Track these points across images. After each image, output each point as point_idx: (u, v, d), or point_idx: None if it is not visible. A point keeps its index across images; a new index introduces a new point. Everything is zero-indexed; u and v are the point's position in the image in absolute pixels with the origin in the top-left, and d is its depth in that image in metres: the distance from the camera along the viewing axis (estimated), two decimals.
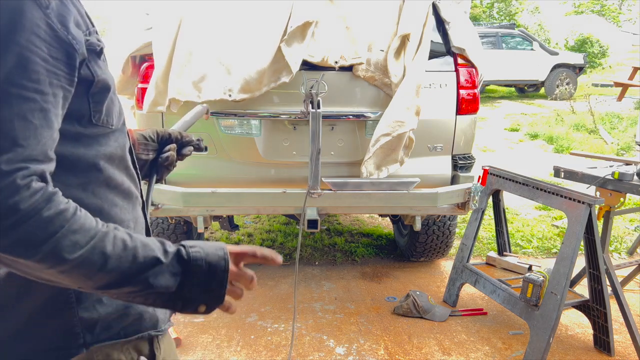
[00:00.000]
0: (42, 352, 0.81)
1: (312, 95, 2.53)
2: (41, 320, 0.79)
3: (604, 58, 20.74)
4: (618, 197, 2.66)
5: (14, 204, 0.61)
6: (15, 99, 0.63)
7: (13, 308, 0.79)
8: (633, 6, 37.13)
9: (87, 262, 0.66)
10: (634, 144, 7.67)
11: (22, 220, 0.62)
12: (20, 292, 0.78)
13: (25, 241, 0.62)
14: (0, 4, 0.63)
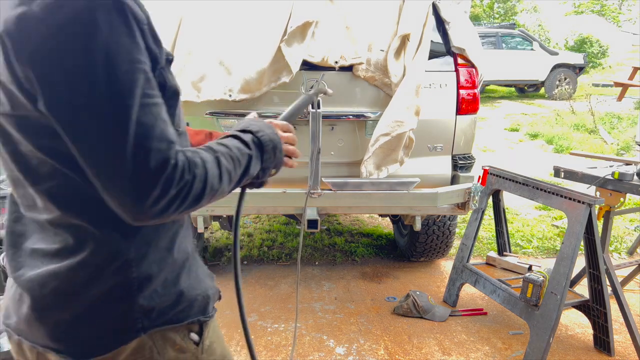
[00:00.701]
0: (103, 335, 0.88)
1: None
2: (104, 306, 0.87)
3: (604, 58, 20.74)
4: (618, 197, 2.66)
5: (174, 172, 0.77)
6: (152, 107, 0.76)
7: (80, 294, 0.85)
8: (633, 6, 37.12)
9: (224, 180, 0.88)
10: (634, 144, 7.67)
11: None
12: (89, 280, 0.85)
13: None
14: (99, 25, 0.71)
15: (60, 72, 0.71)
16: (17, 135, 0.80)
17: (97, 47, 0.71)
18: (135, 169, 0.73)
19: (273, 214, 4.56)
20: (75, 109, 0.72)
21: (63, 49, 0.70)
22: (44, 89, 0.72)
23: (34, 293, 0.88)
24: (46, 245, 0.87)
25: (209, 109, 2.62)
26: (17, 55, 0.72)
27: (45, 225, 0.87)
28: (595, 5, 35.66)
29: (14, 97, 0.76)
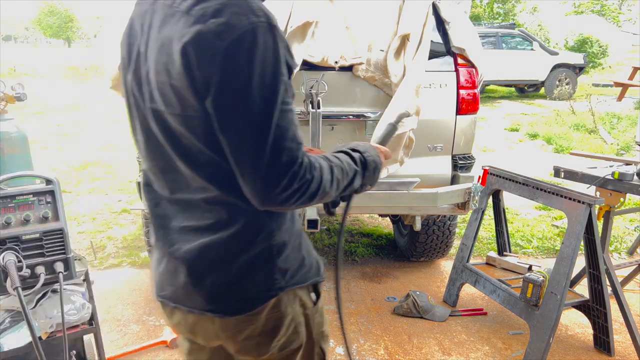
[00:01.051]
0: (251, 294, 1.04)
1: (312, 95, 2.53)
2: (252, 269, 1.03)
3: (604, 58, 20.73)
4: (618, 197, 2.66)
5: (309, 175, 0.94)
6: (288, 113, 0.91)
7: (231, 261, 1.02)
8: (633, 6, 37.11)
9: (333, 186, 1.02)
10: (634, 144, 7.67)
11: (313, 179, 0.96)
12: (239, 249, 1.02)
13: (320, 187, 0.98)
14: (259, 42, 0.87)
15: (229, 78, 0.87)
16: (183, 131, 0.96)
17: (256, 60, 0.87)
18: (270, 162, 0.89)
19: None
20: (233, 109, 0.89)
21: (232, 60, 0.86)
22: (215, 91, 0.88)
23: (191, 263, 1.04)
24: (196, 222, 1.04)
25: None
26: (199, 63, 0.87)
27: (199, 203, 1.03)
28: (595, 5, 35.65)
29: (185, 100, 0.92)
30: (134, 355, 2.60)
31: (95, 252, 4.00)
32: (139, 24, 1.03)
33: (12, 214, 1.74)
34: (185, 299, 1.07)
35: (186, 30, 0.88)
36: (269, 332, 1.09)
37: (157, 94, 0.97)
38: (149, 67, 0.98)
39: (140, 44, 1.01)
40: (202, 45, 0.86)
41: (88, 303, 1.98)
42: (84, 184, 6.04)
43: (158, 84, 0.96)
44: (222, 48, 0.86)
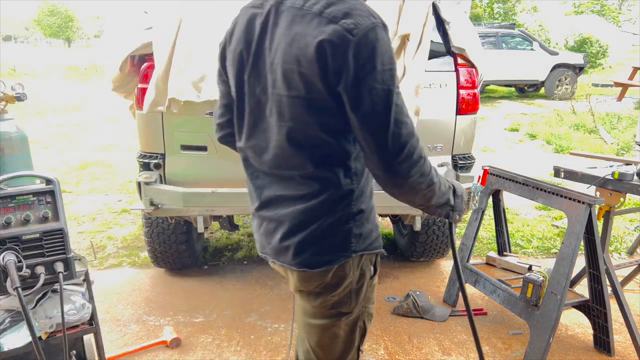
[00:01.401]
0: (330, 253, 1.23)
1: None
2: (333, 231, 1.23)
3: (604, 58, 20.73)
4: (618, 197, 2.65)
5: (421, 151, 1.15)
6: (400, 94, 1.12)
7: (317, 224, 1.22)
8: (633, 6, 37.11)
9: (436, 181, 1.22)
10: (634, 144, 7.67)
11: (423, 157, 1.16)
12: (325, 214, 1.22)
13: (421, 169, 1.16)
14: (379, 37, 1.10)
15: (359, 65, 1.07)
16: (302, 111, 1.15)
17: (378, 51, 1.08)
18: (393, 134, 1.09)
19: None
20: (363, 90, 1.08)
21: (361, 51, 1.07)
22: (347, 76, 1.08)
23: (285, 225, 1.25)
24: (290, 192, 1.25)
25: (209, 109, 2.62)
26: (333, 54, 1.07)
27: (295, 177, 1.23)
28: (595, 5, 35.65)
29: (311, 85, 1.11)
30: (134, 355, 2.60)
31: (95, 252, 4.00)
32: (259, 24, 1.22)
33: (12, 214, 1.74)
34: (278, 254, 1.30)
35: (322, 28, 1.08)
36: (330, 287, 1.27)
37: (280, 80, 1.15)
38: (274, 58, 1.17)
39: (262, 40, 1.21)
40: (337, 40, 1.07)
41: (88, 303, 1.98)
42: (84, 184, 6.04)
43: (284, 72, 1.14)
44: (353, 42, 1.07)
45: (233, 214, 3.15)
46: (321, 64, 1.08)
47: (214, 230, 4.51)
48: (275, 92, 1.18)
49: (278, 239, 1.28)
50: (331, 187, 1.22)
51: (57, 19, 48.23)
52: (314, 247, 1.23)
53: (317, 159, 1.20)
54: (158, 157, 2.76)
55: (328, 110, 1.14)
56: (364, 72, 1.08)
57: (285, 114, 1.18)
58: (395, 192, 1.22)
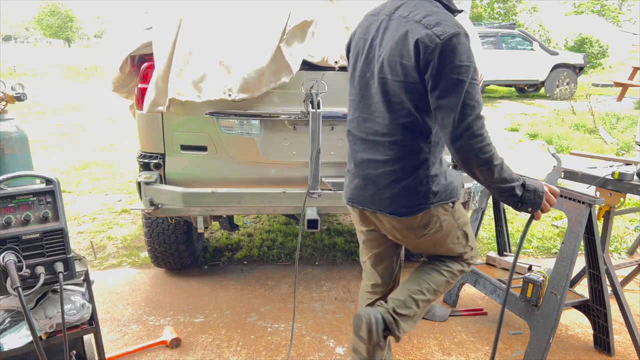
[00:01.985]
0: (413, 204, 1.69)
1: (312, 95, 2.53)
2: (415, 188, 1.67)
3: (604, 58, 20.73)
4: (618, 197, 2.65)
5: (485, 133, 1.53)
6: (474, 85, 1.50)
7: (402, 182, 1.67)
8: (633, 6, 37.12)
9: (498, 165, 1.56)
10: (634, 144, 7.67)
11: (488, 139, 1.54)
12: (409, 175, 1.66)
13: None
14: (460, 42, 1.49)
15: (442, 60, 1.48)
16: (399, 92, 1.60)
17: (458, 52, 1.48)
18: (461, 111, 1.48)
19: (273, 214, 4.56)
20: (443, 78, 1.49)
21: (445, 50, 1.48)
22: (432, 67, 1.50)
23: (376, 183, 1.72)
24: (378, 156, 1.70)
25: (209, 109, 2.63)
26: (425, 52, 1.50)
27: (384, 143, 1.68)
28: (595, 5, 35.65)
29: (408, 73, 1.55)
30: (134, 355, 2.60)
31: (95, 252, 4.00)
32: (374, 28, 1.70)
33: (12, 214, 1.74)
34: (371, 204, 1.76)
35: (419, 32, 1.52)
36: (423, 226, 1.74)
37: (386, 67, 1.60)
38: (382, 51, 1.63)
39: (375, 38, 1.68)
40: (428, 41, 1.50)
41: (88, 303, 1.98)
42: (84, 184, 6.04)
43: (389, 62, 1.59)
44: (439, 43, 1.48)
45: (233, 214, 3.16)
46: (416, 57, 1.52)
47: (214, 230, 4.51)
48: (381, 76, 1.63)
49: (371, 192, 1.74)
50: (412, 154, 1.65)
51: (57, 19, 48.24)
52: (402, 201, 1.69)
53: (406, 130, 1.63)
54: (158, 157, 2.76)
55: (418, 93, 1.56)
56: (444, 65, 1.48)
57: (388, 93, 1.62)
58: (459, 162, 1.56)
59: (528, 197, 1.61)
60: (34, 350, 1.83)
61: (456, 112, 1.47)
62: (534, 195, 1.62)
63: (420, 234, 1.78)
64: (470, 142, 1.49)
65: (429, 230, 1.76)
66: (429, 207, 1.68)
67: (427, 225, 1.75)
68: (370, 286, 2.06)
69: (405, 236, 1.82)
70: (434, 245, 1.88)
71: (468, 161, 1.53)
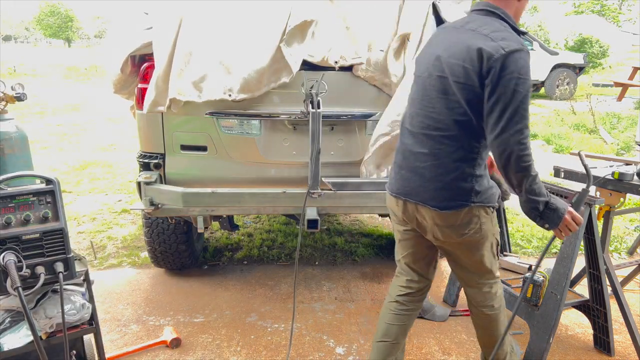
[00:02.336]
0: (455, 199, 1.79)
1: (312, 95, 2.52)
2: (460, 183, 1.78)
3: (604, 58, 20.72)
4: (618, 197, 2.65)
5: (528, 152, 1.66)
6: (528, 100, 1.64)
7: (448, 176, 1.79)
8: (633, 6, 37.13)
9: (531, 177, 1.68)
10: (634, 144, 7.66)
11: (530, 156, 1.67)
12: (455, 169, 1.78)
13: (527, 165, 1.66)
14: (521, 57, 1.64)
15: (503, 70, 1.62)
16: (457, 92, 1.74)
17: (518, 66, 1.63)
18: (509, 119, 1.62)
19: (273, 214, 4.56)
20: (501, 86, 1.63)
21: (506, 62, 1.62)
22: (492, 75, 1.64)
23: (422, 175, 1.83)
24: (427, 149, 1.82)
25: (209, 109, 2.63)
26: (488, 60, 1.65)
27: (435, 137, 1.80)
28: (595, 5, 35.65)
29: (468, 75, 1.69)
30: (134, 355, 2.60)
31: (95, 252, 4.00)
32: (442, 37, 1.87)
33: (12, 214, 1.74)
34: (416, 195, 1.86)
35: (485, 42, 1.68)
36: (464, 224, 1.83)
37: (448, 68, 1.76)
38: (446, 54, 1.78)
39: (440, 45, 1.84)
40: (493, 50, 1.65)
41: (88, 303, 1.98)
42: (84, 184, 6.04)
43: (452, 64, 1.75)
44: (503, 54, 1.63)
45: (233, 214, 3.16)
46: (480, 63, 1.67)
47: (214, 230, 4.51)
48: (442, 75, 1.78)
49: (417, 184, 1.85)
50: (461, 150, 1.77)
51: (57, 19, 48.23)
52: (445, 194, 1.79)
53: (460, 127, 1.76)
54: (158, 157, 2.76)
55: (476, 96, 1.70)
56: (504, 74, 1.62)
57: (447, 91, 1.76)
58: (499, 164, 1.69)
59: (547, 215, 1.72)
60: (34, 350, 1.83)
61: (508, 118, 1.61)
62: (554, 214, 1.72)
63: (460, 233, 1.86)
64: (515, 148, 1.61)
65: (469, 230, 1.85)
66: (469, 205, 1.79)
67: (468, 225, 1.84)
68: (405, 280, 2.17)
69: (446, 235, 1.89)
70: (470, 250, 1.95)
71: (508, 164, 1.65)
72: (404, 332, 2.15)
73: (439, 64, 1.80)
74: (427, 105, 1.83)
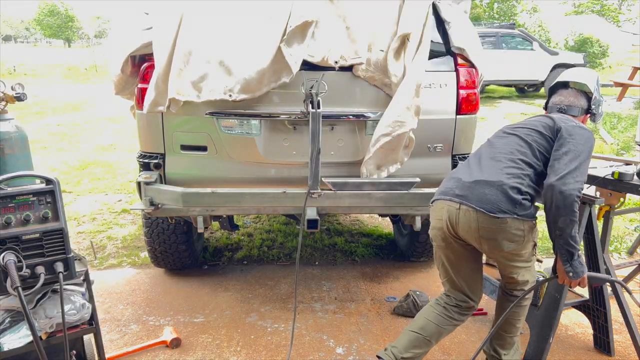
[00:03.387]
0: (503, 207, 1.96)
1: (312, 95, 2.52)
2: (510, 195, 1.97)
3: (604, 58, 20.72)
4: (618, 197, 2.65)
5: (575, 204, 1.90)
6: (588, 163, 2.02)
7: (506, 195, 1.98)
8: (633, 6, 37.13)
9: (570, 227, 1.89)
10: (634, 144, 7.66)
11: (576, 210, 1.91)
12: (514, 189, 2.00)
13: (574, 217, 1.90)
14: (587, 129, 2.11)
15: (577, 142, 2.00)
16: (539, 138, 2.10)
17: (590, 141, 2.04)
18: (568, 175, 1.89)
19: (273, 214, 4.56)
20: (570, 147, 1.99)
21: (583, 138, 2.03)
22: (566, 136, 2.03)
23: (482, 191, 2.02)
24: (494, 177, 2.04)
25: (209, 109, 2.62)
26: (561, 124, 2.09)
27: (513, 171, 2.04)
28: (595, 5, 35.65)
29: (546, 133, 2.12)
30: (134, 355, 2.60)
31: (95, 252, 4.00)
32: None
33: (12, 214, 1.74)
34: (472, 200, 2.00)
35: (568, 124, 2.11)
36: (511, 235, 1.98)
37: (527, 128, 2.16)
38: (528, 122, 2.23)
39: None
40: (568, 127, 2.07)
41: (88, 303, 1.98)
42: (84, 184, 6.04)
43: (531, 125, 2.17)
44: (578, 131, 2.05)
45: (233, 214, 3.16)
46: (554, 127, 2.10)
47: (214, 230, 4.51)
48: (525, 132, 2.16)
49: (479, 192, 2.01)
50: (526, 178, 2.01)
51: (57, 19, 48.23)
52: (497, 201, 1.97)
53: (532, 166, 2.05)
54: (158, 157, 2.76)
55: (550, 146, 2.06)
56: (575, 139, 2.01)
57: (531, 136, 2.12)
58: (553, 205, 1.88)
59: (575, 265, 1.92)
60: (34, 350, 1.83)
61: (565, 175, 1.89)
62: (578, 268, 1.92)
63: (504, 245, 2.01)
64: (565, 202, 1.85)
65: (512, 243, 2.01)
66: (512, 216, 1.95)
67: (515, 236, 1.99)
68: (454, 299, 2.35)
69: (492, 246, 2.05)
70: (512, 259, 2.11)
71: (559, 207, 1.86)
72: (439, 335, 2.22)
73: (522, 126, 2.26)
74: (511, 144, 2.18)
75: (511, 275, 2.17)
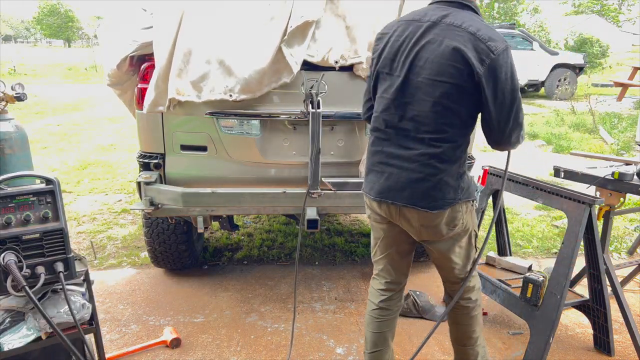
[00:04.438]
0: (443, 199, 1.78)
1: (312, 95, 2.53)
2: (447, 183, 1.78)
3: (604, 58, 20.72)
4: (618, 197, 2.65)
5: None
6: (520, 101, 1.72)
7: (435, 178, 1.76)
8: (633, 6, 37.13)
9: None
10: (634, 144, 7.67)
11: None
12: (442, 171, 1.76)
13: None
14: (509, 56, 1.67)
15: (497, 71, 1.65)
16: (448, 92, 1.70)
17: (509, 64, 1.67)
18: (512, 121, 1.72)
19: (273, 214, 4.56)
20: (499, 94, 1.67)
21: (499, 62, 1.65)
22: (490, 79, 1.65)
23: (410, 178, 1.79)
24: (413, 151, 1.78)
25: (209, 109, 2.62)
26: (480, 59, 1.65)
27: (425, 140, 1.76)
28: (595, 5, 35.66)
29: (462, 76, 1.67)
30: (134, 355, 2.60)
31: (95, 252, 4.00)
32: (418, 32, 1.76)
33: (12, 214, 1.74)
34: (400, 197, 1.82)
35: (475, 43, 1.66)
36: (449, 222, 1.84)
37: (428, 69, 1.71)
38: (427, 55, 1.72)
39: (419, 42, 1.75)
40: (483, 52, 1.65)
41: (88, 303, 1.98)
42: (84, 184, 6.04)
43: (434, 64, 1.70)
44: (494, 57, 1.65)
45: (233, 214, 3.16)
46: (469, 62, 1.65)
47: (214, 230, 4.51)
48: (430, 77, 1.71)
49: (403, 187, 1.80)
50: (450, 150, 1.75)
51: (57, 19, 48.24)
52: (433, 194, 1.78)
53: (450, 127, 1.74)
54: (158, 157, 2.77)
55: (467, 96, 1.70)
56: (500, 76, 1.66)
57: (435, 93, 1.71)
58: (505, 148, 1.86)
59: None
60: (34, 350, 1.83)
61: (507, 123, 1.72)
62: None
63: (449, 229, 1.87)
64: (522, 133, 1.79)
65: (454, 227, 1.88)
66: (456, 203, 1.81)
67: (454, 221, 1.86)
68: (384, 283, 2.14)
69: (431, 235, 1.90)
70: (454, 243, 1.96)
71: (513, 145, 1.81)
72: (393, 334, 2.17)
73: (423, 64, 1.73)
74: (410, 107, 1.77)
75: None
